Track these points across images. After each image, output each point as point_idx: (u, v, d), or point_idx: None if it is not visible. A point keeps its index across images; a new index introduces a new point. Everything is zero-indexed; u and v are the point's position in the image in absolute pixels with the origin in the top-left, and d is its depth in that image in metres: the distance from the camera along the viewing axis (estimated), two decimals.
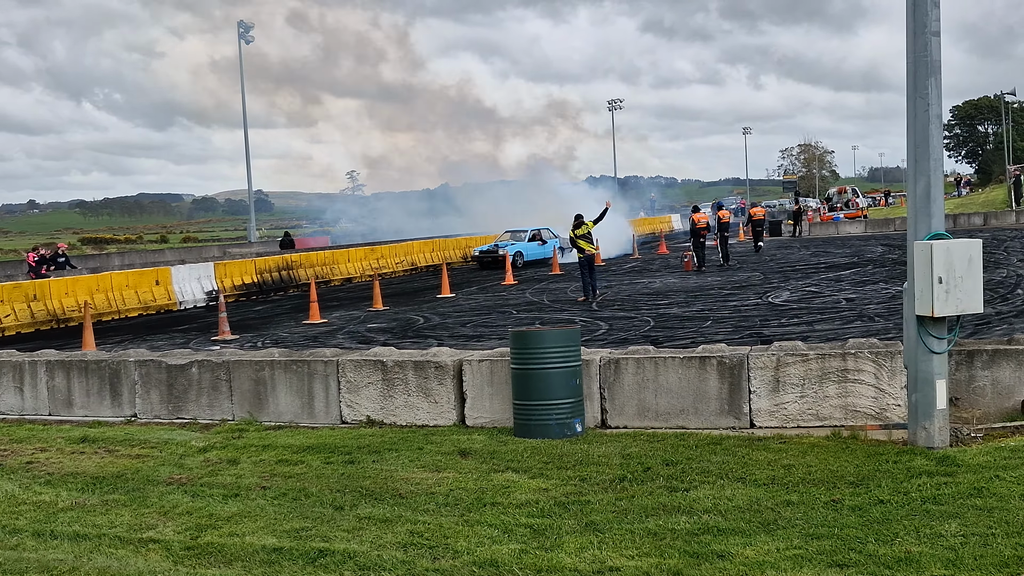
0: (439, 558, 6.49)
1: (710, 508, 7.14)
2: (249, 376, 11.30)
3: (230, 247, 52.97)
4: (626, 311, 20.67)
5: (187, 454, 9.78)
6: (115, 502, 8.24)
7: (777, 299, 21.44)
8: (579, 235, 23.64)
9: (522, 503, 7.53)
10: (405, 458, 9.05)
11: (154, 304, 27.27)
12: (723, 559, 6.15)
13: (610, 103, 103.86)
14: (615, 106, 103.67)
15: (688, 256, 32.21)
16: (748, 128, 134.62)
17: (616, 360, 10.03)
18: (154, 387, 11.78)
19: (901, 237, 40.97)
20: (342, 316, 23.08)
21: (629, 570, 6.09)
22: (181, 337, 20.67)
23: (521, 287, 28.49)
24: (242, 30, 59.87)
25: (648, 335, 16.50)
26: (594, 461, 8.57)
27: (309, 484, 8.38)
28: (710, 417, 9.67)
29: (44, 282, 25.69)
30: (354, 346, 16.77)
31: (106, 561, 6.80)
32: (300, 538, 7.03)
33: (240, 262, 32.21)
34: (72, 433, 11.06)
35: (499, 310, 22.52)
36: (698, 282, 26.84)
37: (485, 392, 10.30)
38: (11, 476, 9.32)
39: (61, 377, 12.36)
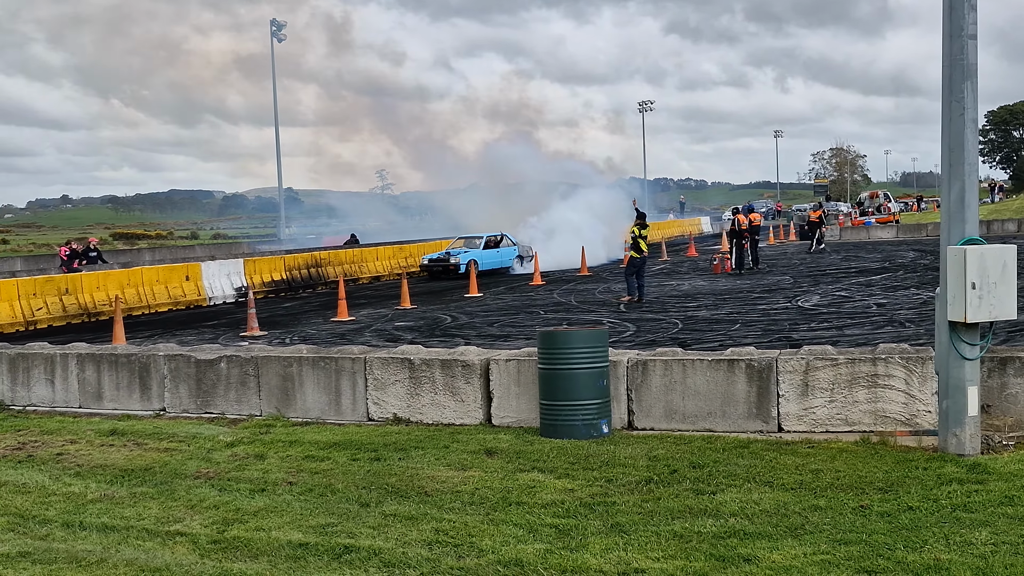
0: (464, 556, 6.49)
1: (737, 511, 7.10)
2: (277, 372, 11.35)
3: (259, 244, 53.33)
4: (654, 313, 20.60)
5: (215, 448, 9.84)
6: (143, 495, 8.30)
7: (807, 303, 21.30)
8: (643, 235, 23.31)
9: (548, 503, 7.52)
10: (431, 456, 9.06)
11: (184, 299, 27.46)
12: (749, 563, 6.11)
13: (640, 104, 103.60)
14: (645, 108, 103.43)
15: (718, 259, 32.07)
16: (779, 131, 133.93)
17: (644, 361, 9.99)
18: (183, 381, 11.86)
19: (933, 243, 40.59)
20: (370, 314, 23.15)
21: (654, 572, 6.06)
22: (210, 332, 20.80)
23: (549, 287, 28.47)
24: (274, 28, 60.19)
25: (676, 337, 16.44)
26: (620, 462, 8.55)
27: (335, 480, 8.41)
28: (738, 420, 9.62)
29: (76, 276, 25.94)
30: (382, 344, 16.81)
31: (134, 553, 6.85)
32: (326, 534, 7.05)
33: (269, 259, 32.38)
34: (102, 426, 11.16)
35: (526, 310, 22.51)
36: (727, 285, 26.72)
37: (512, 392, 10.29)
38: (41, 467, 9.41)
39: (92, 370, 12.47)
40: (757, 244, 33.31)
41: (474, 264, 32.58)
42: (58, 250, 33.77)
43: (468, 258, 33.21)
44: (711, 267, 32.21)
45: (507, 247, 35.74)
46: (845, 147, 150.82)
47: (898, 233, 52.02)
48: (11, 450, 10.19)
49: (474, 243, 35.25)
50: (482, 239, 35.39)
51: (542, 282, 30.00)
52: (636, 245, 23.14)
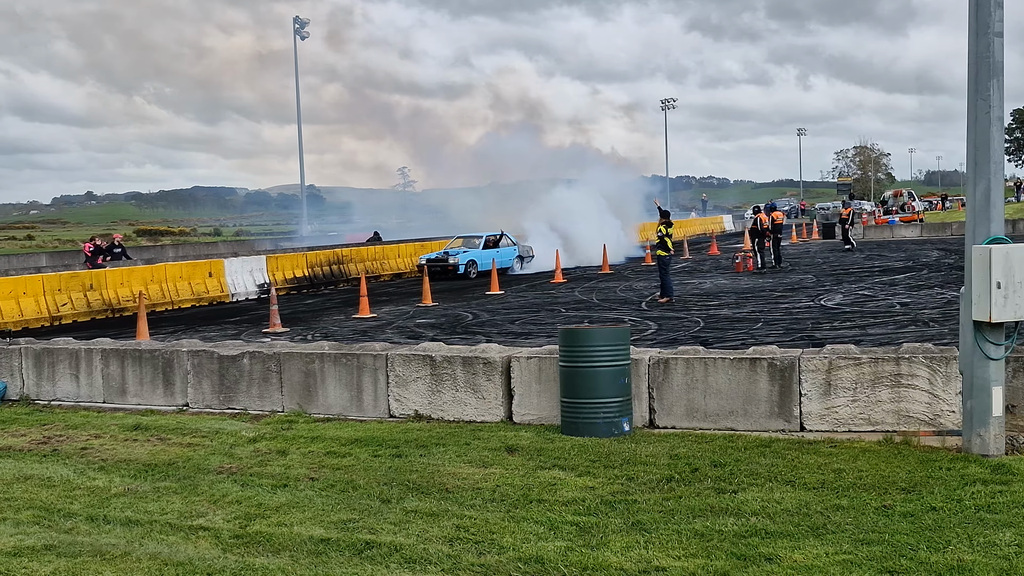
0: (485, 553, 6.50)
1: (758, 510, 7.08)
2: (299, 368, 11.40)
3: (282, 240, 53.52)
4: (676, 312, 20.56)
5: (237, 444, 9.89)
6: (166, 489, 8.36)
7: (830, 302, 21.19)
8: (669, 233, 23.15)
9: (568, 501, 7.52)
10: (452, 453, 9.08)
11: (207, 296, 27.61)
12: (771, 562, 6.09)
13: (663, 102, 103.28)
14: (668, 105, 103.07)
15: (740, 257, 31.96)
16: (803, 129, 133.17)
17: (665, 360, 9.98)
18: (206, 377, 11.93)
19: (958, 242, 40.30)
20: (391, 311, 23.20)
21: (675, 571, 6.05)
22: (233, 329, 20.91)
23: (570, 285, 28.46)
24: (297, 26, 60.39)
25: (698, 336, 16.39)
26: (641, 461, 8.54)
27: (357, 476, 8.44)
28: (759, 419, 9.59)
29: (100, 272, 26.13)
30: (403, 341, 16.85)
31: (157, 547, 6.90)
32: (347, 529, 7.08)
33: (291, 256, 32.51)
34: (125, 421, 11.24)
35: (548, 308, 22.51)
36: (749, 283, 26.62)
37: (533, 389, 10.30)
38: (66, 461, 9.49)
39: (116, 365, 12.56)
40: (780, 243, 33.17)
41: (473, 264, 32.09)
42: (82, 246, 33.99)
43: (467, 258, 32.66)
44: (733, 265, 32.10)
45: (507, 247, 34.84)
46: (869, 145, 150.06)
47: (922, 232, 51.69)
48: (36, 444, 10.28)
49: (473, 243, 34.44)
50: (481, 239, 34.54)
51: (563, 280, 29.98)
52: (663, 243, 22.92)
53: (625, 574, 6.06)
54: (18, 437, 10.66)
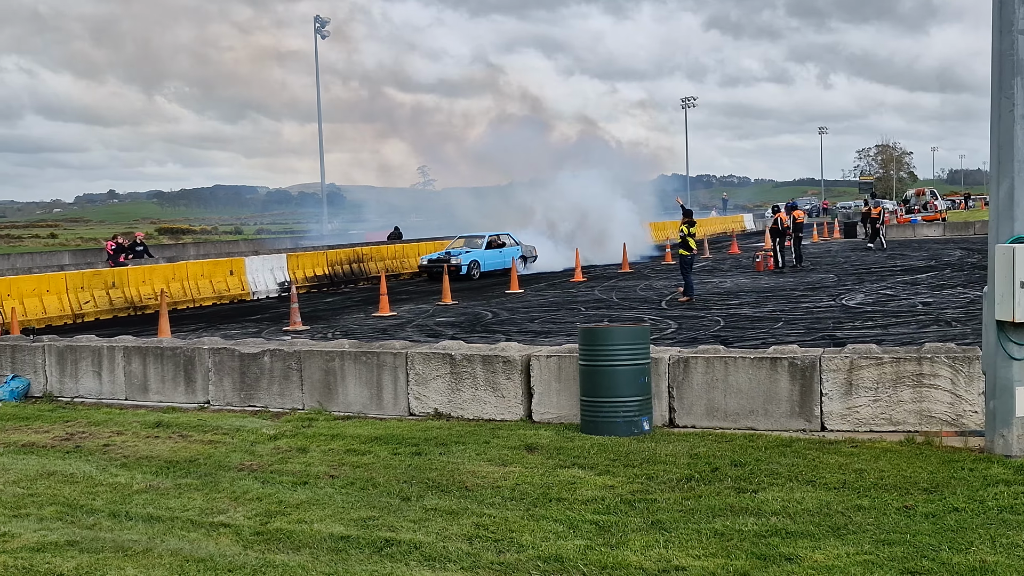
0: (504, 551, 6.51)
1: (778, 510, 7.05)
2: (319, 366, 11.44)
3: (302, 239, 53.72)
4: (696, 311, 20.51)
5: (258, 441, 9.94)
6: (187, 486, 8.40)
7: (851, 301, 21.08)
8: (691, 232, 22.97)
9: (588, 499, 7.51)
10: (472, 451, 9.09)
11: (228, 294, 27.74)
12: (791, 562, 6.07)
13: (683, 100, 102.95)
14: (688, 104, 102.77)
15: (761, 256, 31.84)
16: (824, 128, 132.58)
17: (685, 359, 9.95)
18: (227, 375, 11.99)
19: (980, 241, 40.00)
20: (411, 309, 23.25)
21: (695, 570, 6.04)
22: (254, 326, 21.00)
23: (590, 284, 28.43)
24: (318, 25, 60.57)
25: (718, 335, 16.35)
26: (661, 460, 8.52)
27: (376, 474, 8.46)
28: (780, 419, 9.55)
29: (122, 270, 26.29)
30: (423, 339, 16.87)
31: (178, 543, 6.94)
32: (367, 527, 7.10)
33: (312, 254, 32.61)
34: (147, 418, 11.31)
35: (567, 306, 22.50)
36: (770, 283, 26.52)
37: (552, 388, 10.29)
38: (88, 458, 9.56)
39: (137, 363, 12.64)
40: (800, 242, 33.01)
41: (476, 265, 31.36)
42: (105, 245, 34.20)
43: (470, 259, 31.86)
44: (754, 264, 31.99)
45: (510, 247, 33.86)
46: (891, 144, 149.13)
47: (945, 231, 51.34)
48: (59, 440, 10.36)
49: (475, 243, 33.55)
50: (484, 238, 33.61)
51: (583, 279, 29.96)
52: (685, 243, 22.79)
53: (645, 573, 6.05)
54: (42, 434, 10.75)
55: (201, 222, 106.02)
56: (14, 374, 13.35)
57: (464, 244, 33.85)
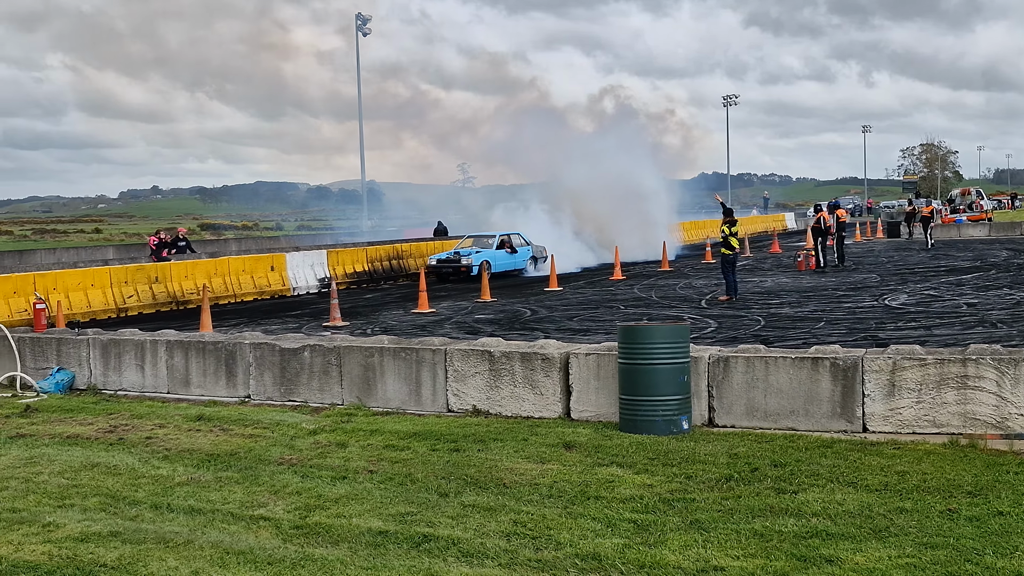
0: (542, 549, 6.50)
1: (819, 512, 6.99)
2: (359, 362, 11.49)
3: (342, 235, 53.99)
4: (736, 310, 20.37)
5: (298, 436, 10.01)
6: (228, 479, 8.48)
7: (894, 302, 20.85)
8: (733, 231, 22.59)
9: (626, 498, 7.49)
10: (510, 448, 9.09)
11: (269, 289, 27.96)
12: (832, 564, 6.01)
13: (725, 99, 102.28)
14: (730, 102, 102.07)
15: (802, 255, 31.58)
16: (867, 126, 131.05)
17: (725, 358, 9.89)
18: (267, 369, 12.08)
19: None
20: (450, 306, 23.29)
21: (734, 570, 6.00)
22: (294, 322, 21.14)
23: (629, 282, 28.34)
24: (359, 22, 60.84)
25: (758, 334, 16.23)
26: (700, 459, 8.48)
27: (415, 470, 8.49)
28: (821, 420, 9.47)
29: (165, 265, 26.57)
30: (462, 336, 16.90)
31: (219, 536, 7.01)
32: (405, 522, 7.12)
33: (352, 250, 32.76)
34: (189, 411, 11.43)
35: (606, 305, 22.44)
36: (811, 282, 26.30)
37: (591, 386, 10.27)
38: (131, 450, 9.68)
39: (180, 357, 12.77)
40: (843, 241, 32.68)
41: (487, 265, 30.12)
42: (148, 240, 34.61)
43: (481, 259, 30.47)
44: (795, 264, 31.73)
45: (522, 247, 32.82)
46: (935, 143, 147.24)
47: (990, 231, 50.62)
48: (103, 433, 10.50)
49: (486, 243, 32.27)
50: (494, 238, 32.42)
51: (622, 277, 29.87)
52: (727, 242, 22.46)
53: (683, 573, 6.02)
54: (86, 426, 10.89)
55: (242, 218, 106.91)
56: (59, 367, 13.54)
57: (473, 244, 32.59)
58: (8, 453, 9.76)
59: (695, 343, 10.85)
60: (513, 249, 32.29)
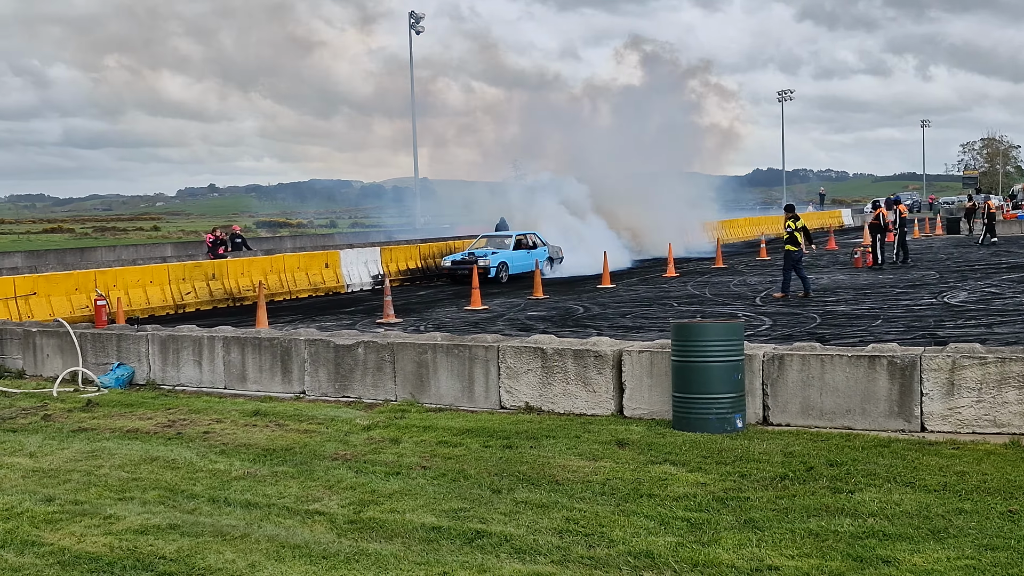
0: (594, 546, 6.50)
1: (876, 512, 6.90)
2: (412, 358, 11.56)
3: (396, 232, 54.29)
4: (791, 307, 20.17)
5: (352, 431, 10.09)
6: (284, 474, 8.58)
7: (953, 299, 20.50)
8: (798, 227, 22.07)
9: (679, 496, 7.46)
10: (562, 445, 9.09)
11: (323, 286, 28.22)
12: (889, 565, 5.94)
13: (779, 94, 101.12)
14: (785, 97, 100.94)
15: (859, 252, 31.15)
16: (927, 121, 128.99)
17: (780, 356, 9.80)
18: (322, 366, 12.20)
19: None
20: (503, 303, 23.34)
21: (789, 570, 5.95)
22: (348, 318, 21.32)
23: (683, 280, 28.19)
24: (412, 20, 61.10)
25: (814, 332, 16.06)
26: (754, 458, 8.41)
27: (468, 466, 8.52)
28: (878, 419, 9.34)
29: (222, 262, 26.94)
30: (514, 333, 16.93)
31: (275, 530, 7.10)
32: (458, 518, 7.15)
33: (405, 247, 32.94)
34: (245, 406, 11.57)
35: (660, 302, 22.34)
36: (868, 279, 25.94)
37: (644, 383, 10.23)
38: (189, 444, 9.83)
39: (236, 353, 12.94)
40: (905, 237, 32.10)
41: (505, 267, 29.30)
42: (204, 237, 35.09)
43: (498, 260, 29.48)
44: (852, 261, 31.31)
45: (539, 248, 31.58)
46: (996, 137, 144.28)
47: None
48: (162, 427, 10.67)
49: (503, 243, 31.04)
50: (511, 238, 31.10)
51: (675, 274, 29.71)
52: (792, 239, 21.97)
53: (737, 572, 5.98)
54: (145, 420, 11.08)
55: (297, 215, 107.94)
56: (119, 362, 13.79)
57: (487, 244, 31.41)
58: (70, 446, 9.97)
59: (749, 341, 10.75)
60: (531, 249, 31.21)
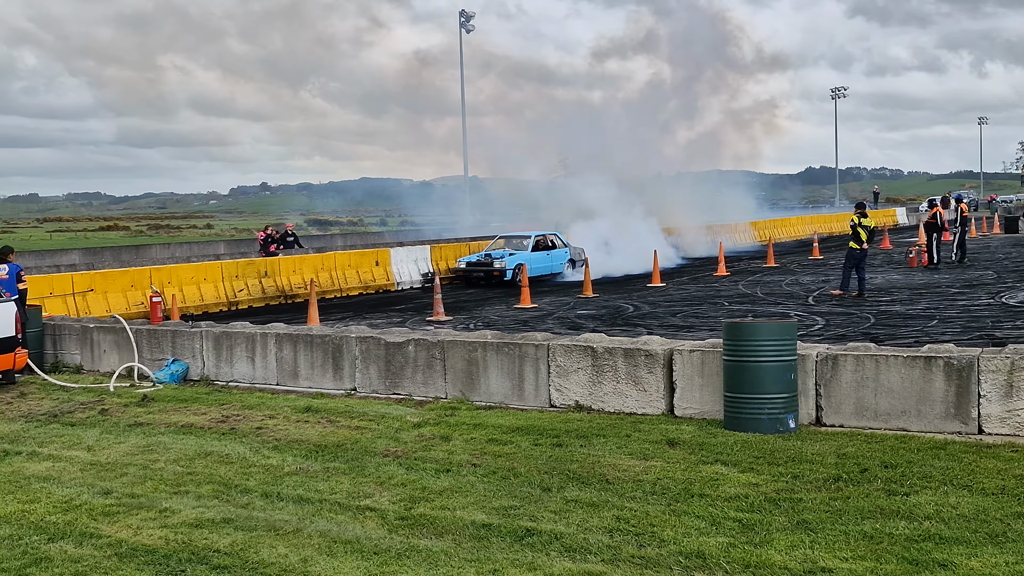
0: (645, 545, 6.47)
1: (932, 515, 6.80)
2: (462, 356, 11.59)
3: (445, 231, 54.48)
4: (844, 307, 19.93)
5: (402, 428, 10.14)
6: (335, 470, 8.65)
7: (1012, 300, 20.13)
8: (864, 224, 21.57)
9: (731, 496, 7.40)
10: (612, 444, 9.06)
11: (373, 284, 28.39)
12: (945, 569, 5.85)
13: (833, 91, 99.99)
14: (839, 94, 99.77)
15: (914, 251, 30.69)
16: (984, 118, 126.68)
17: (834, 356, 9.69)
18: (373, 363, 12.27)
19: None
20: (552, 301, 23.32)
21: (842, 572, 5.88)
22: (398, 316, 21.43)
23: (733, 279, 27.97)
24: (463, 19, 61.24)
25: (868, 332, 15.86)
26: (807, 459, 8.33)
27: (518, 464, 8.53)
28: (934, 420, 9.20)
29: (274, 260, 27.21)
30: (564, 331, 16.91)
31: (327, 525, 7.16)
32: (508, 516, 7.16)
33: (455, 245, 33.02)
34: (297, 403, 11.68)
35: (710, 301, 22.19)
36: (924, 279, 25.56)
37: (695, 383, 10.17)
38: (243, 440, 9.94)
39: (288, 349, 13.06)
40: (965, 236, 31.52)
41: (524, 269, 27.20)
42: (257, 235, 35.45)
43: (515, 262, 27.99)
44: (907, 260, 30.86)
45: (559, 249, 30.25)
46: None
47: None
48: (216, 422, 10.80)
49: (521, 244, 29.64)
50: (530, 239, 29.61)
51: (726, 273, 29.49)
52: (856, 235, 21.34)
53: (789, 573, 5.93)
54: (199, 415, 11.23)
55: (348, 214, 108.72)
56: (174, 358, 13.98)
57: (505, 245, 30.20)
58: (127, 441, 10.13)
59: (802, 341, 10.64)
60: (551, 250, 29.92)
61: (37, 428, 10.99)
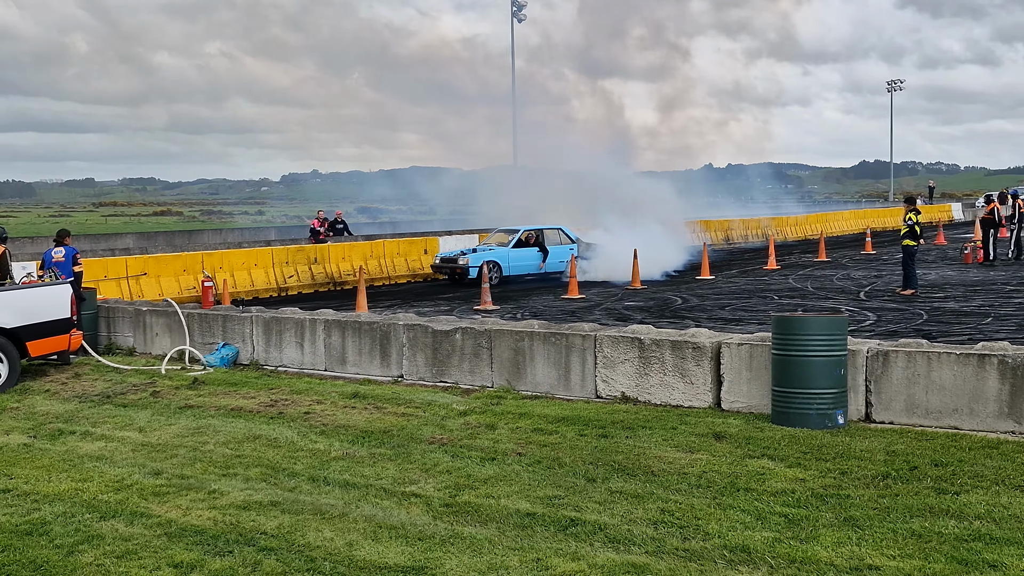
0: (689, 538, 6.45)
1: (983, 514, 6.70)
2: (509, 345, 11.60)
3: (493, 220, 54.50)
4: (897, 303, 19.67)
5: (448, 416, 10.19)
6: (381, 456, 8.71)
7: None
8: (919, 221, 21.00)
9: (777, 491, 7.35)
10: (658, 436, 9.03)
11: (421, 272, 28.52)
12: (995, 569, 5.77)
13: (889, 84, 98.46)
14: (894, 87, 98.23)
15: (969, 248, 30.18)
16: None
17: (885, 352, 9.56)
18: (420, 350, 12.33)
19: None
20: (600, 292, 23.27)
21: (889, 570, 5.82)
22: (445, 305, 21.51)
23: (783, 272, 27.71)
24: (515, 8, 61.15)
25: (920, 329, 15.64)
26: (856, 455, 8.24)
27: (563, 454, 8.53)
28: (986, 419, 9.05)
29: (324, 247, 27.44)
30: (611, 322, 16.87)
31: (372, 510, 7.22)
32: (552, 505, 7.17)
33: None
34: (345, 388, 11.78)
35: (760, 295, 22.00)
36: (979, 276, 25.13)
37: (743, 376, 10.10)
38: (291, 424, 10.05)
39: (337, 336, 13.16)
40: (1021, 232, 30.92)
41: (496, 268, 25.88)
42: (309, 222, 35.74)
43: (481, 259, 25.71)
44: (962, 256, 30.35)
45: (562, 246, 27.59)
46: None
47: None
48: (265, 406, 10.93)
49: (504, 239, 27.70)
50: (516, 234, 27.44)
51: (776, 267, 29.22)
52: (912, 231, 20.70)
53: (835, 570, 5.88)
54: (248, 399, 11.36)
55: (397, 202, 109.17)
56: (225, 342, 14.16)
57: (491, 240, 28.49)
58: (177, 423, 10.29)
59: (853, 336, 10.51)
60: (544, 248, 27.40)
61: (91, 408, 11.19)
